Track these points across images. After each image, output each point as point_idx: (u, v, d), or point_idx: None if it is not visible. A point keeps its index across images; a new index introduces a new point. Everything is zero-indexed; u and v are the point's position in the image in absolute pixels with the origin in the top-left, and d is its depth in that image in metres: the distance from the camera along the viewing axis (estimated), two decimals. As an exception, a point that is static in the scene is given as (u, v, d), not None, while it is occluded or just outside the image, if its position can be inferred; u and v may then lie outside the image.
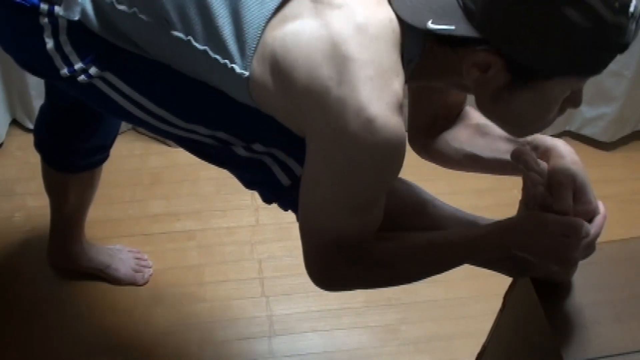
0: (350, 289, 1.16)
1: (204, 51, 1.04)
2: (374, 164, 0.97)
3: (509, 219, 1.06)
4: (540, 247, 1.02)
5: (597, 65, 0.93)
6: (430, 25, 0.94)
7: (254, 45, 1.00)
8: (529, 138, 1.14)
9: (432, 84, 1.11)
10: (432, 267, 1.11)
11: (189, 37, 1.04)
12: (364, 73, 0.93)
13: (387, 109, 0.93)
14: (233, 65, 1.02)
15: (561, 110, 1.02)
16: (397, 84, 0.95)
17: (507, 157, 1.10)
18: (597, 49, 0.91)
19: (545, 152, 1.10)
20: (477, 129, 1.23)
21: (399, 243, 1.08)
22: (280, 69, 0.98)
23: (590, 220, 1.05)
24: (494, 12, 0.90)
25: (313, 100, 0.95)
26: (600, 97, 2.25)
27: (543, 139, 1.13)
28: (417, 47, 1.00)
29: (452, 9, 0.93)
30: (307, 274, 1.09)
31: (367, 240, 1.06)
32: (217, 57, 1.03)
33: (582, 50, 0.90)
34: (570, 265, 1.03)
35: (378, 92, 0.93)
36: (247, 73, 1.02)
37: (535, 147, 1.12)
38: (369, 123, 0.92)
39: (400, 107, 0.96)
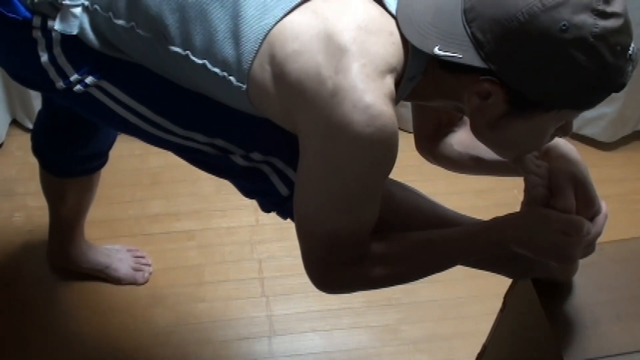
0: (351, 291, 1.16)
1: (203, 64, 1.04)
2: (368, 154, 0.96)
3: (510, 214, 1.07)
4: (541, 244, 1.02)
5: (594, 101, 0.96)
6: (437, 51, 0.94)
7: (251, 58, 1.00)
8: None
9: (428, 103, 1.12)
10: (431, 264, 1.10)
11: (187, 52, 1.04)
12: (359, 62, 0.94)
13: (381, 98, 0.94)
14: (231, 77, 1.03)
15: (551, 138, 1.03)
16: (389, 79, 0.96)
17: None
18: (597, 88, 0.94)
19: (546, 152, 1.10)
20: None
21: (396, 241, 1.08)
22: (277, 62, 0.98)
23: (592, 219, 1.05)
24: (504, 47, 0.91)
25: (309, 90, 0.95)
26: (600, 97, 2.24)
27: None
28: (420, 66, 1.01)
29: (461, 36, 0.94)
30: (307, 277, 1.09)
31: (364, 240, 1.06)
32: (216, 70, 1.03)
33: (584, 89, 0.93)
34: (569, 264, 1.03)
35: (373, 83, 0.94)
36: (244, 86, 1.02)
37: None
38: (364, 111, 0.92)
39: (393, 100, 0.97)
